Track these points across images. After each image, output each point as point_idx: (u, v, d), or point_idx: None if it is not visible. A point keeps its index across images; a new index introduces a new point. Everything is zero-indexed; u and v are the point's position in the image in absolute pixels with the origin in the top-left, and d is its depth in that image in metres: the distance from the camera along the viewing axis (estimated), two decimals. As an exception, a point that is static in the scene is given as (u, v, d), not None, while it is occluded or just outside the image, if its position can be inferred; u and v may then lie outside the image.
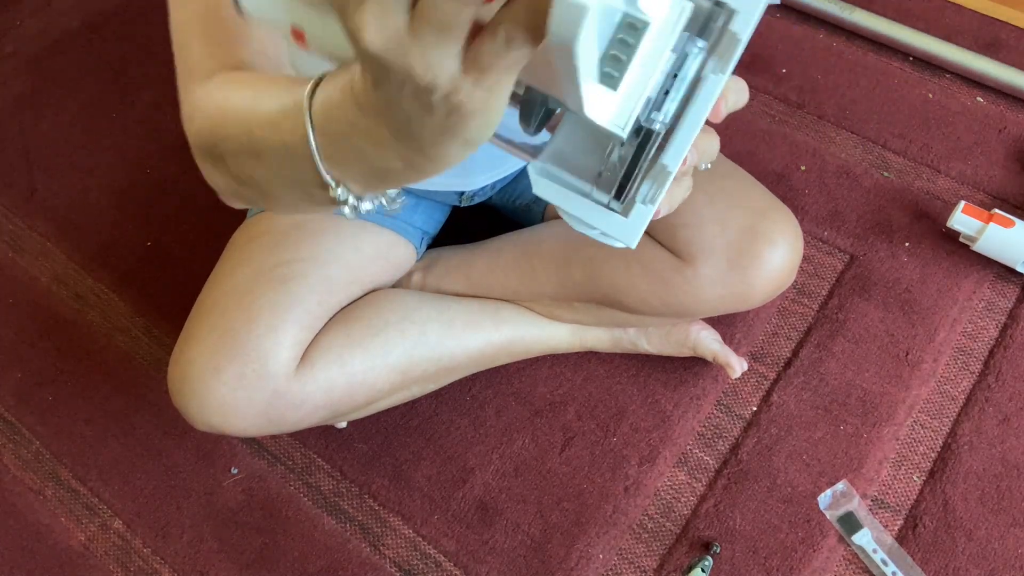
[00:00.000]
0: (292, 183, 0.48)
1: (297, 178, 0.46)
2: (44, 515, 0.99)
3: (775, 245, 0.84)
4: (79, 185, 1.27)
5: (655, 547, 0.92)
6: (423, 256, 1.00)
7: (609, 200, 0.41)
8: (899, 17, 1.33)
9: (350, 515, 0.97)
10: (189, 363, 0.80)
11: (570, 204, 0.41)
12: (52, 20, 1.49)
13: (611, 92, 0.34)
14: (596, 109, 0.35)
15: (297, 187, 0.47)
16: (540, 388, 1.03)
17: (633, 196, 0.40)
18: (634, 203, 0.41)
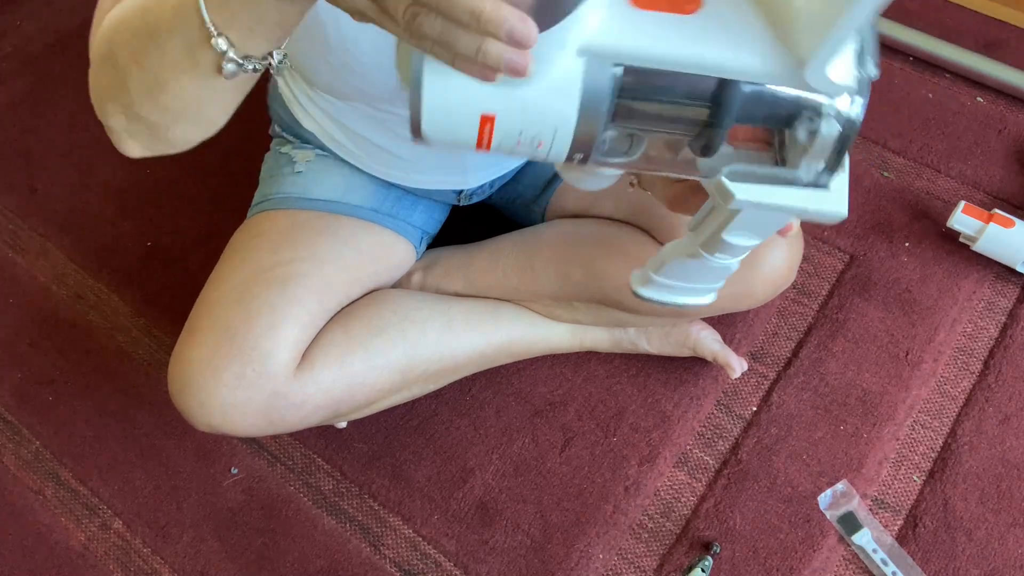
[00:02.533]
0: (180, 51, 0.51)
1: (184, 42, 0.50)
2: (44, 515, 0.99)
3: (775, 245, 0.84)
4: (79, 185, 1.27)
5: (655, 547, 0.92)
6: (423, 256, 1.00)
7: (817, 178, 0.42)
8: (899, 17, 1.33)
9: (350, 515, 0.97)
10: (189, 363, 0.80)
11: (777, 198, 0.43)
12: (52, 20, 1.49)
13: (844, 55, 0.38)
14: (833, 75, 0.37)
15: (184, 54, 0.51)
16: (540, 388, 1.03)
17: (839, 165, 0.42)
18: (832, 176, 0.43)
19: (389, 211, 0.93)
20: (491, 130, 0.43)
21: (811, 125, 0.41)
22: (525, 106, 0.42)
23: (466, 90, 0.41)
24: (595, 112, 0.41)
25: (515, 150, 0.44)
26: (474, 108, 0.42)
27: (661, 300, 0.60)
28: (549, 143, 0.43)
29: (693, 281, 0.59)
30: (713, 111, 0.41)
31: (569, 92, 0.41)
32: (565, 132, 0.42)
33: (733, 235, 0.49)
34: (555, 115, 0.42)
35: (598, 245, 0.91)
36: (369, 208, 0.92)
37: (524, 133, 0.43)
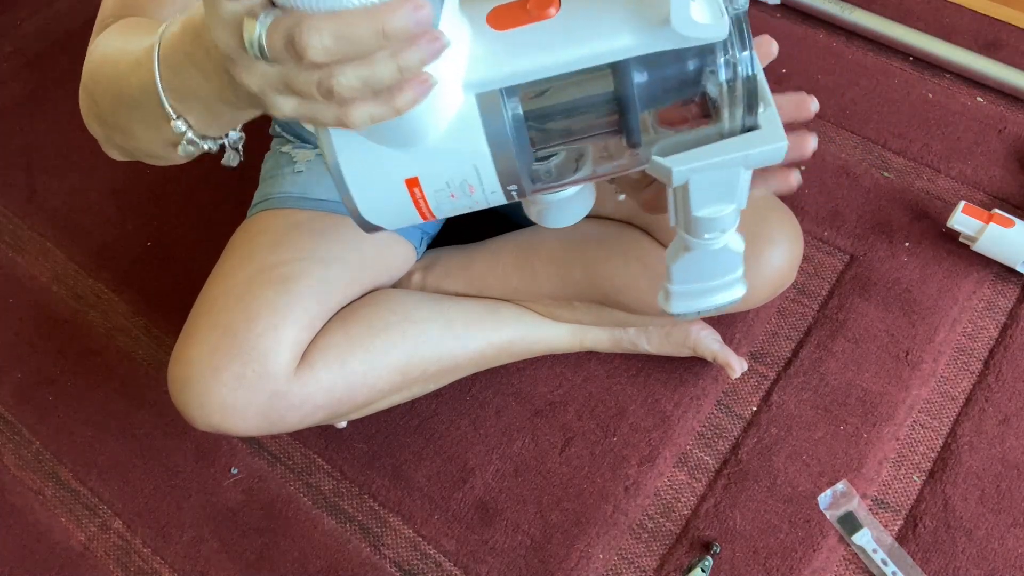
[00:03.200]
0: (146, 121, 0.54)
1: (150, 116, 0.52)
2: (44, 515, 0.99)
3: (775, 245, 0.84)
4: (79, 185, 1.27)
5: (655, 547, 0.92)
6: (423, 256, 1.00)
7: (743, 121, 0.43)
8: (899, 17, 1.33)
9: (350, 515, 0.97)
10: (189, 363, 0.80)
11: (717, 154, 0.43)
12: (52, 20, 1.49)
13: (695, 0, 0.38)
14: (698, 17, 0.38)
15: (151, 124, 0.53)
16: (540, 388, 1.03)
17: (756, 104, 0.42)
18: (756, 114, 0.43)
19: (389, 211, 0.93)
20: (421, 192, 0.45)
21: (714, 79, 0.41)
22: (439, 156, 0.43)
23: (382, 163, 0.43)
24: (503, 138, 0.42)
25: (455, 205, 0.46)
26: (396, 177, 0.44)
27: (695, 309, 0.60)
28: (478, 183, 0.44)
29: (709, 278, 0.58)
30: (619, 107, 0.42)
31: (471, 128, 0.42)
32: (486, 167, 0.43)
33: (701, 209, 0.48)
34: (469, 153, 0.43)
35: (598, 245, 0.91)
36: (369, 208, 0.92)
37: (451, 182, 0.44)
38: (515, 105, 0.42)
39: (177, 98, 0.51)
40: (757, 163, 0.45)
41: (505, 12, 0.41)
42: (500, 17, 0.41)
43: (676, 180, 0.45)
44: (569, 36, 0.40)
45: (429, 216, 0.47)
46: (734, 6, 0.40)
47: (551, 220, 0.58)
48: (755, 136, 0.43)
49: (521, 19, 0.41)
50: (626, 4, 0.40)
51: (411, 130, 0.42)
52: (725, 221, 0.51)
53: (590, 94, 0.42)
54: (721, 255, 0.56)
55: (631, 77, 0.41)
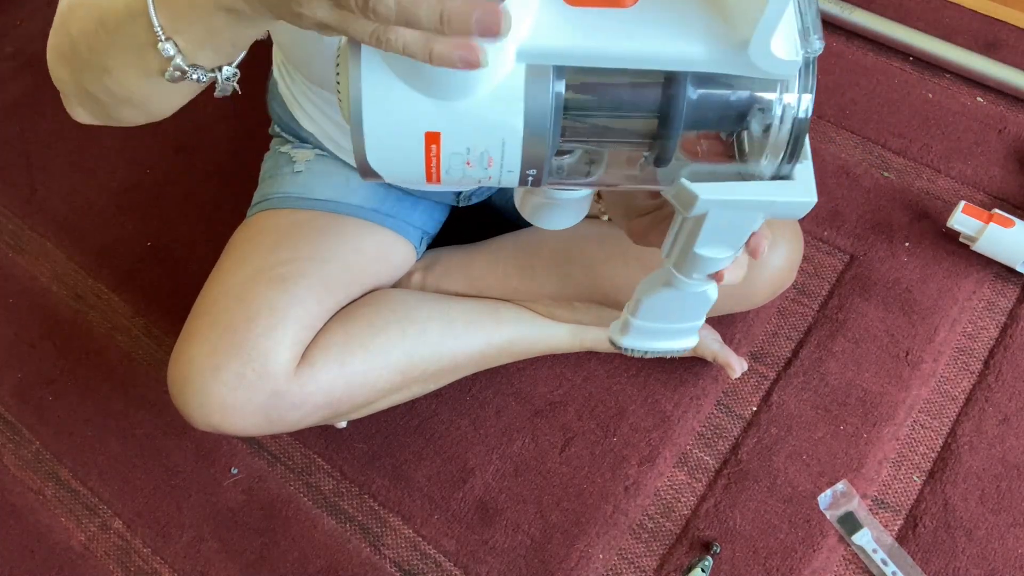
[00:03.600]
0: (129, 46, 0.50)
1: (133, 40, 0.49)
2: (44, 515, 0.99)
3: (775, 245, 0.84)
4: (79, 185, 1.27)
5: (655, 547, 0.92)
6: (423, 256, 1.00)
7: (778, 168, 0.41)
8: (899, 17, 1.33)
9: (350, 515, 0.97)
10: (189, 362, 0.80)
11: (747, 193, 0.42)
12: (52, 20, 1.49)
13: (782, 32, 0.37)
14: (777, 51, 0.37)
15: (133, 50, 0.49)
16: (540, 388, 1.03)
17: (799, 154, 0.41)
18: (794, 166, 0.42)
19: (389, 211, 0.93)
20: (438, 150, 0.42)
21: (763, 118, 0.40)
22: (469, 118, 0.41)
23: (408, 107, 0.40)
24: (541, 119, 0.40)
25: (465, 173, 0.43)
26: (417, 126, 0.41)
27: (644, 348, 0.60)
28: (499, 158, 0.42)
29: (673, 319, 0.58)
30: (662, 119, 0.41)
31: (512, 99, 0.40)
32: (514, 144, 0.41)
33: (705, 246, 0.47)
34: (501, 125, 0.41)
35: (598, 245, 0.91)
36: (369, 208, 0.92)
37: (472, 149, 0.42)
38: (562, 88, 0.40)
39: (169, 15, 0.47)
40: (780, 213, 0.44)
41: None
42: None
43: (697, 208, 0.43)
44: (642, 30, 0.38)
45: (434, 178, 0.44)
46: (810, 48, 0.39)
47: (544, 220, 0.56)
48: (788, 185, 0.43)
49: (599, 1, 0.39)
50: (708, 16, 0.38)
51: (451, 83, 0.39)
52: (719, 264, 0.50)
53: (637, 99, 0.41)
54: (696, 300, 0.55)
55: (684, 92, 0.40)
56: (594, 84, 0.41)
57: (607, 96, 0.41)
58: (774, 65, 0.38)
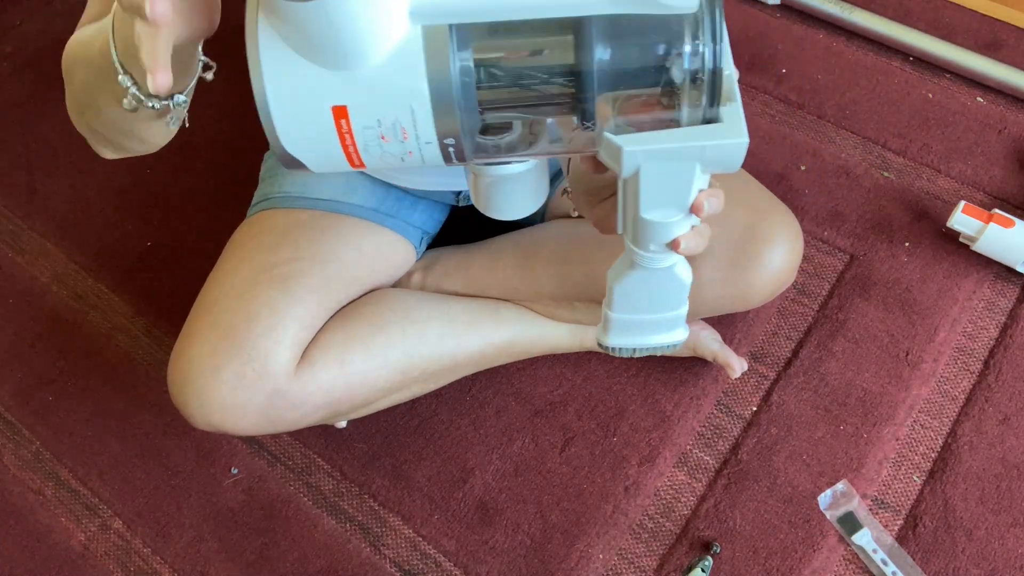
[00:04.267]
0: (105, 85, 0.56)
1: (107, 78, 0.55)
2: (44, 515, 0.99)
3: (775, 245, 0.84)
4: (79, 185, 1.27)
5: (655, 547, 0.92)
6: (423, 256, 1.00)
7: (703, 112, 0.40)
8: (899, 17, 1.33)
9: (350, 515, 0.97)
10: (189, 362, 0.80)
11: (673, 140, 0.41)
12: (52, 20, 1.49)
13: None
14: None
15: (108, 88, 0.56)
16: (540, 388, 1.03)
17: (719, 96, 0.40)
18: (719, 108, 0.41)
19: (389, 211, 0.93)
20: (349, 126, 0.41)
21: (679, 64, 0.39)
22: (372, 87, 0.39)
23: (309, 82, 0.39)
24: (444, 80, 0.39)
25: (384, 149, 0.42)
26: (323, 101, 0.40)
27: (632, 345, 0.58)
28: (412, 128, 0.40)
29: (651, 308, 0.55)
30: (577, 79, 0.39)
31: (413, 62, 0.39)
32: (423, 110, 0.40)
33: (650, 209, 0.45)
34: (405, 90, 0.39)
35: (598, 245, 0.91)
36: (369, 208, 0.92)
37: (383, 121, 0.40)
38: (466, 52, 0.39)
39: (123, 52, 0.52)
40: (714, 159, 0.42)
41: None
42: None
43: (626, 163, 0.42)
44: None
45: (356, 159, 0.42)
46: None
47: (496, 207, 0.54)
48: (715, 128, 0.41)
49: None
50: None
51: (344, 47, 0.38)
52: (673, 229, 0.47)
53: (549, 61, 0.40)
54: (667, 281, 0.53)
55: (594, 47, 0.39)
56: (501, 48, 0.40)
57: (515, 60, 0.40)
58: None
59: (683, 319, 0.56)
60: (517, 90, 0.41)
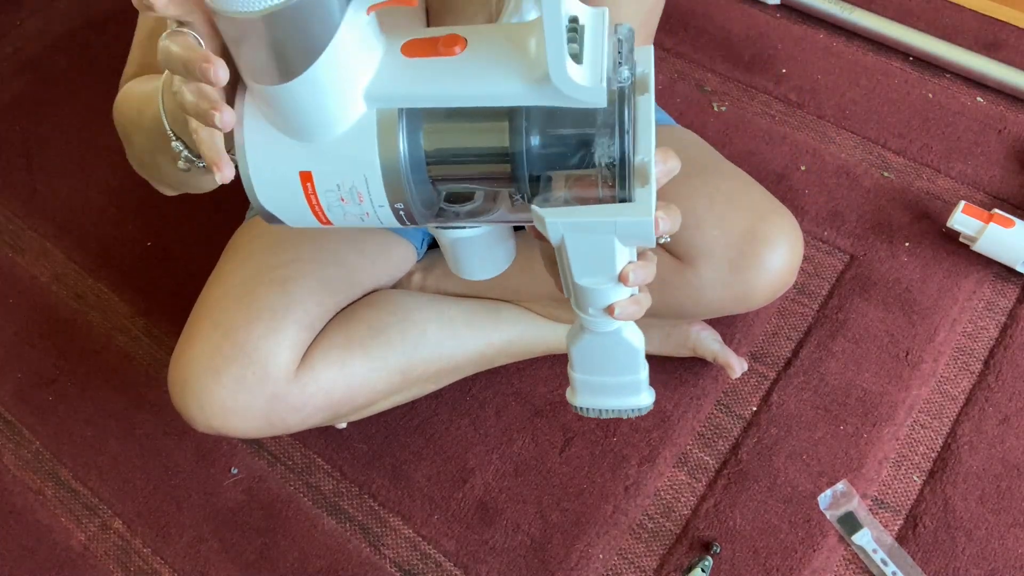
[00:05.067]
0: (160, 147, 0.60)
1: (161, 142, 0.59)
2: (44, 515, 0.99)
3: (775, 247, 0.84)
4: (79, 185, 1.27)
5: (655, 547, 0.93)
6: (423, 257, 1.00)
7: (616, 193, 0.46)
8: (899, 17, 1.33)
9: (350, 515, 0.97)
10: (189, 364, 0.80)
11: (588, 214, 0.47)
12: (52, 20, 1.49)
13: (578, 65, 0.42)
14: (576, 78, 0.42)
15: (164, 150, 0.59)
16: (540, 388, 1.03)
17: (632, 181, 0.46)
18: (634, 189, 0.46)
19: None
20: (313, 188, 0.47)
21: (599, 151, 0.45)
22: (333, 156, 0.46)
23: (281, 150, 0.46)
24: (392, 152, 0.45)
25: (345, 210, 0.48)
26: (292, 167, 0.47)
27: (599, 407, 0.63)
28: (367, 193, 0.47)
29: (609, 371, 0.60)
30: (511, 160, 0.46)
31: (366, 136, 0.45)
32: (375, 178, 0.46)
33: (582, 276, 0.51)
34: (359, 161, 0.46)
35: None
36: (369, 208, 0.92)
37: (341, 185, 0.47)
38: (415, 131, 0.46)
39: (173, 121, 0.56)
40: (625, 232, 0.47)
41: (418, 44, 0.45)
42: (413, 47, 0.45)
43: (552, 233, 0.47)
44: (466, 75, 0.44)
45: (322, 217, 0.49)
46: (618, 79, 0.44)
47: (460, 267, 0.60)
48: (625, 207, 0.46)
49: (430, 52, 0.45)
50: (522, 58, 0.44)
51: (309, 122, 0.45)
52: (608, 296, 0.52)
53: (485, 143, 0.46)
54: (617, 344, 0.57)
55: (523, 133, 0.45)
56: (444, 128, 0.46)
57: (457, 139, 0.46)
58: (577, 92, 0.42)
59: (645, 384, 0.61)
60: (458, 166, 0.47)
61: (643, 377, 0.61)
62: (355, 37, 0.43)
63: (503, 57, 0.44)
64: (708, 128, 1.24)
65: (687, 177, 0.86)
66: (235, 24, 0.41)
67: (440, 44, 0.45)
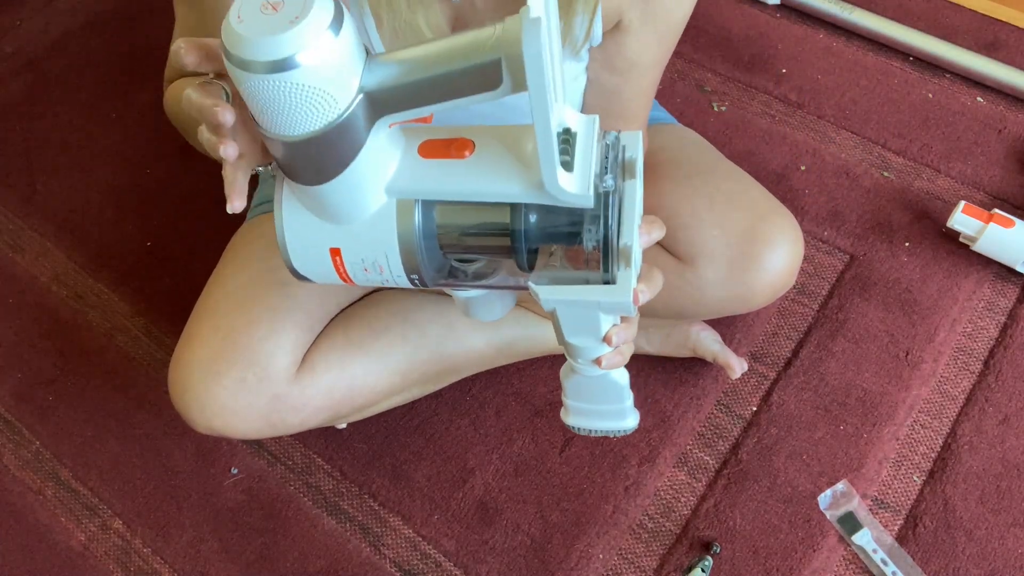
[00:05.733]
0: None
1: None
2: (44, 515, 0.99)
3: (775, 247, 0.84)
4: (79, 185, 1.27)
5: (655, 547, 0.93)
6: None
7: (602, 276, 0.54)
8: (899, 17, 1.33)
9: (350, 515, 0.97)
10: (190, 366, 0.80)
11: (575, 294, 0.54)
12: (52, 20, 1.49)
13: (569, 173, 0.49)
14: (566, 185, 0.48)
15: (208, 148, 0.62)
16: (540, 388, 1.03)
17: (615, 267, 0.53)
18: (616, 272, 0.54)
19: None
20: (342, 261, 0.55)
21: (584, 238, 0.52)
22: (359, 237, 0.53)
23: (315, 231, 0.54)
24: (409, 236, 0.53)
25: (368, 277, 0.56)
26: (324, 244, 0.54)
27: (587, 428, 0.72)
28: (387, 266, 0.54)
29: (598, 401, 0.69)
30: (511, 238, 0.52)
31: (387, 223, 0.52)
32: (394, 256, 0.53)
33: (571, 336, 0.59)
34: (382, 242, 0.53)
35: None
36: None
37: (365, 260, 0.54)
38: (429, 214, 0.53)
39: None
40: (608, 310, 0.55)
41: (432, 145, 0.52)
42: (428, 148, 0.52)
43: (545, 304, 0.55)
44: (473, 176, 0.51)
45: (348, 280, 0.57)
46: (603, 185, 0.51)
47: (472, 312, 0.67)
48: (608, 288, 0.53)
49: (442, 154, 0.52)
50: (519, 164, 0.50)
51: (339, 210, 0.52)
52: (594, 351, 0.60)
53: (489, 223, 0.53)
54: (604, 383, 0.66)
55: (522, 218, 0.51)
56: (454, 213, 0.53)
57: (465, 222, 0.54)
58: (567, 197, 0.48)
59: (630, 410, 0.69)
60: (468, 243, 0.54)
61: (628, 405, 0.69)
62: (378, 147, 0.50)
63: (505, 162, 0.51)
64: (708, 128, 1.24)
65: (687, 177, 0.87)
66: (279, 144, 0.48)
67: (452, 147, 0.52)
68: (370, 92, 0.47)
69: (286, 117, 0.46)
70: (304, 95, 0.45)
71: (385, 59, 0.48)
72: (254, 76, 0.44)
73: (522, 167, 0.50)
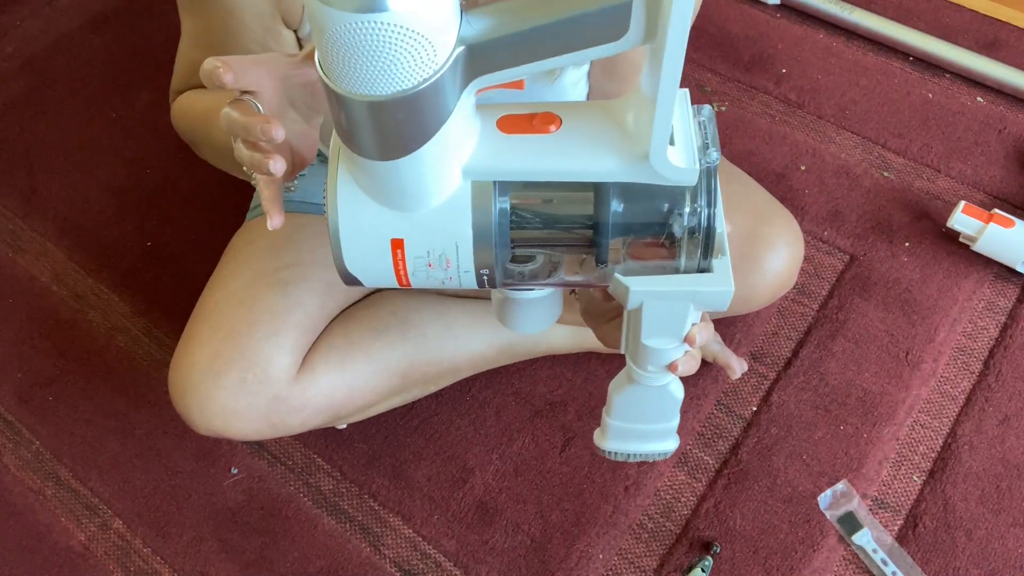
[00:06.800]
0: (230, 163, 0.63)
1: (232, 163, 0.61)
2: (44, 515, 0.99)
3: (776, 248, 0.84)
4: (79, 185, 1.27)
5: (655, 547, 0.93)
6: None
7: (698, 262, 0.49)
8: (899, 17, 1.33)
9: (350, 515, 0.97)
10: (190, 368, 0.80)
11: (670, 284, 0.49)
12: (52, 20, 1.49)
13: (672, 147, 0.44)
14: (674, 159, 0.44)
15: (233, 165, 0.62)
16: (540, 388, 1.03)
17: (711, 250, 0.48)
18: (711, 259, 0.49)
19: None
20: (403, 255, 0.49)
21: (681, 222, 0.47)
22: (427, 226, 0.48)
23: (375, 219, 0.48)
24: (485, 224, 0.47)
25: (429, 274, 0.50)
26: (384, 234, 0.48)
27: (627, 451, 0.65)
28: (455, 259, 0.49)
29: (645, 419, 0.63)
30: (595, 227, 0.48)
31: (461, 208, 0.47)
32: (465, 247, 0.48)
33: (650, 337, 0.53)
34: (453, 230, 0.48)
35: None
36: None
37: (432, 252, 0.49)
38: (504, 201, 0.47)
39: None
40: (704, 302, 0.50)
41: (513, 120, 0.47)
42: (508, 123, 0.47)
43: (632, 300, 0.50)
44: (562, 152, 0.46)
45: (404, 281, 0.51)
46: (707, 159, 0.46)
47: (514, 323, 0.63)
48: (707, 277, 0.49)
49: (525, 129, 0.47)
50: (617, 136, 0.46)
51: (408, 193, 0.46)
52: (669, 355, 0.55)
53: (572, 212, 0.48)
54: (662, 397, 0.60)
55: (609, 204, 0.47)
56: (533, 198, 0.48)
57: (545, 208, 0.48)
58: (673, 172, 0.44)
59: (675, 430, 0.64)
60: (545, 234, 0.49)
61: (675, 424, 0.63)
62: (464, 116, 0.45)
63: (599, 135, 0.46)
64: (708, 128, 1.23)
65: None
66: (359, 105, 0.41)
67: (535, 121, 0.47)
68: (472, 44, 0.40)
69: (375, 70, 0.39)
70: (400, 42, 0.38)
71: (484, 9, 0.41)
72: (343, 15, 0.37)
73: (617, 141, 0.45)
